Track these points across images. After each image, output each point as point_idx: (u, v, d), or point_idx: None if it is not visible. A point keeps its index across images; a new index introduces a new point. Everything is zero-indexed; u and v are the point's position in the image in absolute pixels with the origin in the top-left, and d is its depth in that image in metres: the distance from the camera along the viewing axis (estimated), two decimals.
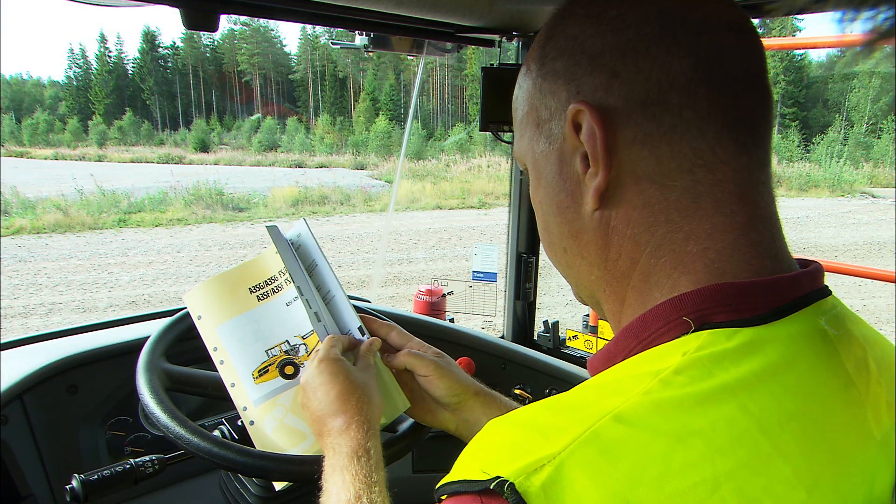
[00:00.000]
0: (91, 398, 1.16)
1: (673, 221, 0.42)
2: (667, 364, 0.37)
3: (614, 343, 0.45)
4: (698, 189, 0.41)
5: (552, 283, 6.87)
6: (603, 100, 0.42)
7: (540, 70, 0.47)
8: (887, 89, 24.18)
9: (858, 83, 35.99)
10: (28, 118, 48.17)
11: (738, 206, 0.41)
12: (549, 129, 0.47)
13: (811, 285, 0.42)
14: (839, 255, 9.01)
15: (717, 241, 0.41)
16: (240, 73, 59.70)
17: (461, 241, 9.94)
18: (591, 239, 0.46)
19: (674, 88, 0.41)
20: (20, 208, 12.18)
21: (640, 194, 0.42)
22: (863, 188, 19.71)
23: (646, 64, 0.41)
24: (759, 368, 0.36)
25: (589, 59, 0.43)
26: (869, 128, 33.68)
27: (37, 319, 6.13)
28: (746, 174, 0.42)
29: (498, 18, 1.17)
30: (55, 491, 1.11)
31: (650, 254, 0.43)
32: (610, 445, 0.33)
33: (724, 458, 0.33)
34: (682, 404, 0.35)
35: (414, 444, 0.88)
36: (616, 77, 0.42)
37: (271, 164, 28.68)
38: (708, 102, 0.41)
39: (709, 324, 0.39)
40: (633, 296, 0.45)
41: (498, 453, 0.36)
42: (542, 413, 0.38)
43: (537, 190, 0.51)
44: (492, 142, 17.44)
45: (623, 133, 0.42)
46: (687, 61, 0.41)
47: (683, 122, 0.41)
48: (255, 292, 0.90)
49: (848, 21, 0.25)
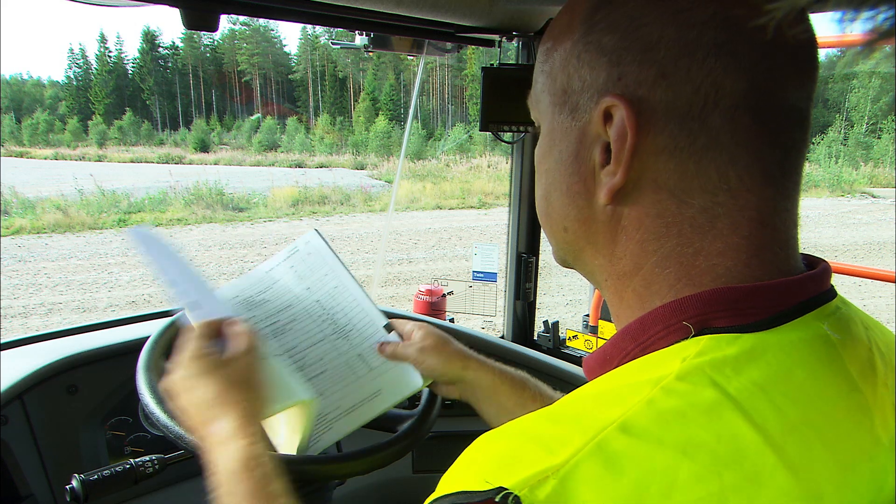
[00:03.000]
0: (91, 398, 1.16)
1: (685, 236, 0.40)
2: (667, 371, 0.36)
3: (611, 345, 0.44)
4: (717, 210, 0.40)
5: (552, 283, 6.86)
6: (644, 98, 0.39)
7: (585, 36, 0.43)
8: (887, 89, 24.17)
9: (858, 83, 35.97)
10: (28, 118, 48.14)
11: (757, 230, 0.40)
12: (575, 102, 0.44)
13: (816, 288, 0.41)
14: (839, 255, 9.01)
15: (728, 258, 0.40)
16: (240, 73, 59.68)
17: (461, 241, 9.93)
18: (601, 230, 0.44)
19: (718, 108, 0.38)
20: (20, 208, 12.17)
21: (657, 203, 0.41)
22: (863, 188, 19.69)
23: (699, 74, 0.38)
24: (761, 377, 0.35)
25: (641, 48, 0.39)
26: (869, 128, 33.67)
27: (37, 319, 6.12)
28: (772, 203, 0.40)
29: (498, 18, 1.17)
30: (55, 491, 1.11)
31: (656, 263, 0.42)
32: (615, 457, 0.32)
33: (731, 471, 0.32)
34: (686, 415, 0.34)
35: (414, 444, 0.88)
36: (664, 78, 0.39)
37: (271, 164, 28.64)
38: (748, 132, 0.39)
39: (709, 328, 0.38)
40: (633, 298, 0.44)
41: (499, 464, 0.35)
42: (540, 423, 0.37)
43: (547, 157, 0.48)
44: (492, 142, 17.43)
45: (653, 140, 0.40)
46: (741, 84, 0.38)
47: (717, 146, 0.39)
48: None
49: (848, 21, 0.25)
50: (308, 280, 0.95)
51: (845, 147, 27.56)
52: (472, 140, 27.23)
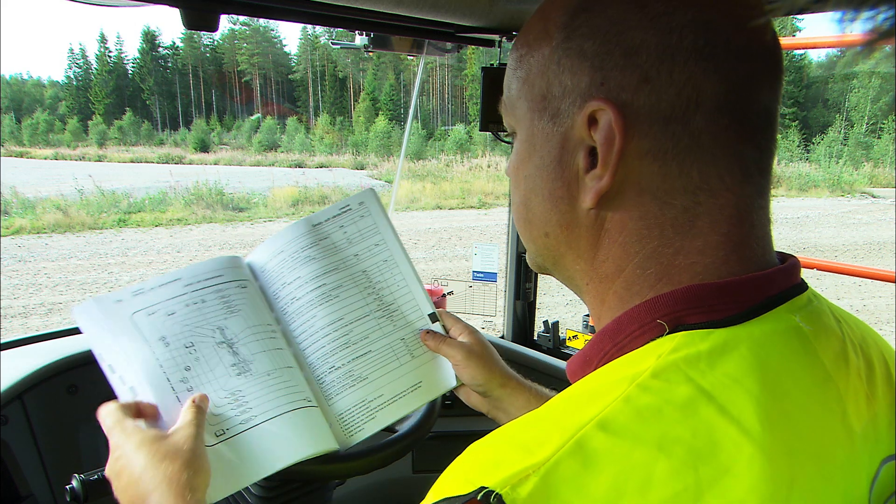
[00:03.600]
0: (91, 398, 1.16)
1: (666, 237, 0.41)
2: (643, 367, 0.37)
3: (590, 347, 0.45)
4: (697, 210, 0.41)
5: (552, 282, 6.85)
6: (628, 102, 0.40)
7: (564, 42, 0.43)
8: (887, 89, 24.19)
9: (858, 83, 36.00)
10: (28, 118, 48.18)
11: (735, 228, 0.41)
12: (556, 108, 0.44)
13: (786, 282, 0.42)
14: (839, 255, 9.01)
15: (707, 256, 0.41)
16: (240, 73, 59.70)
17: (461, 241, 9.94)
18: (583, 235, 0.45)
19: (700, 111, 0.39)
20: (20, 208, 12.18)
21: (639, 206, 0.42)
22: (863, 188, 19.70)
23: (681, 77, 0.39)
24: (735, 369, 0.36)
25: (623, 53, 0.40)
26: (869, 128, 33.68)
27: (37, 319, 6.13)
28: (749, 200, 0.41)
29: (498, 18, 1.17)
30: (55, 491, 1.11)
31: (637, 264, 0.42)
32: (593, 455, 0.33)
33: (706, 464, 0.33)
34: (662, 411, 0.34)
35: (414, 444, 0.88)
36: (647, 82, 0.39)
37: (271, 164, 28.66)
38: (728, 133, 0.40)
39: (683, 325, 0.39)
40: (614, 299, 0.44)
41: (482, 467, 0.35)
42: (519, 429, 0.38)
43: (526, 163, 0.47)
44: (492, 142, 17.43)
45: (638, 143, 0.40)
46: (721, 86, 0.39)
47: (699, 147, 0.40)
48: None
49: (848, 21, 0.25)
50: (357, 246, 0.85)
51: (845, 147, 27.57)
52: (471, 140, 27.23)
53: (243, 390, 0.75)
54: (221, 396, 0.74)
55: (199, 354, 0.75)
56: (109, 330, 0.73)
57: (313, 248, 0.83)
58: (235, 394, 0.75)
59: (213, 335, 0.76)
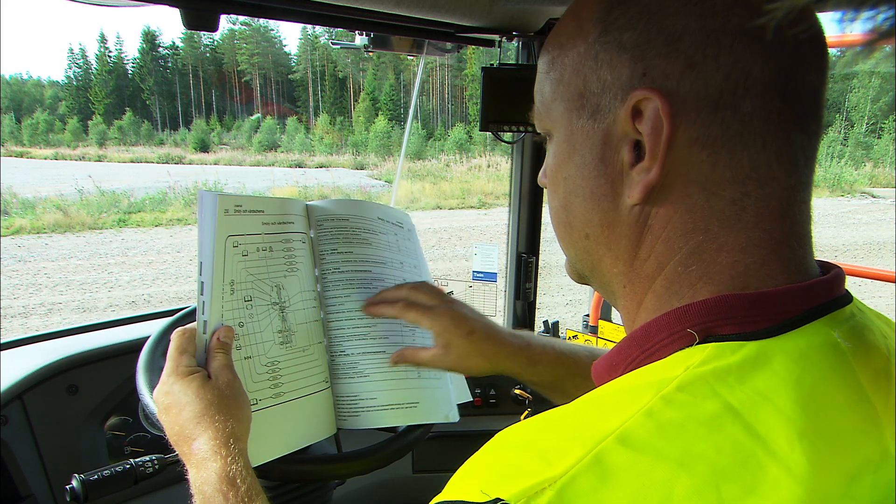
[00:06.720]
0: (91, 398, 1.16)
1: (711, 231, 0.40)
2: (670, 376, 0.36)
3: (617, 351, 0.44)
4: (745, 202, 0.39)
5: (552, 283, 6.86)
6: (672, 91, 0.39)
7: (601, 36, 0.42)
8: (887, 89, 24.22)
9: (858, 83, 36.00)
10: (28, 118, 48.12)
11: (779, 223, 0.40)
12: (595, 104, 0.43)
13: (827, 294, 0.40)
14: (839, 255, 9.01)
15: (749, 255, 0.39)
16: (240, 73, 59.68)
17: (461, 241, 9.93)
18: (625, 233, 0.43)
19: (749, 94, 0.38)
20: (20, 208, 12.18)
21: (687, 198, 0.40)
22: (863, 188, 19.70)
23: (727, 60, 0.38)
24: (766, 385, 0.35)
25: (666, 41, 0.39)
26: (869, 128, 33.68)
27: (37, 319, 6.12)
28: (792, 193, 0.40)
29: (498, 18, 1.16)
30: (55, 491, 1.11)
31: (679, 261, 0.41)
32: (612, 470, 0.32)
33: (730, 483, 0.31)
34: (685, 427, 0.33)
35: (414, 444, 0.88)
36: (692, 68, 0.38)
37: (271, 164, 28.65)
38: (779, 116, 0.38)
39: (714, 336, 0.38)
40: (652, 300, 0.43)
41: (498, 475, 0.35)
42: (539, 433, 0.37)
43: (566, 165, 0.46)
44: (492, 142, 17.43)
45: (685, 131, 0.39)
46: (769, 68, 0.38)
47: (750, 133, 0.38)
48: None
49: (848, 21, 0.25)
50: (403, 256, 0.89)
51: (845, 147, 27.57)
52: (471, 140, 27.22)
53: (280, 362, 0.75)
54: (262, 363, 0.73)
55: (254, 311, 0.73)
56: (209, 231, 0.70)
57: (372, 235, 0.84)
58: (273, 364, 0.74)
59: (270, 293, 0.74)
